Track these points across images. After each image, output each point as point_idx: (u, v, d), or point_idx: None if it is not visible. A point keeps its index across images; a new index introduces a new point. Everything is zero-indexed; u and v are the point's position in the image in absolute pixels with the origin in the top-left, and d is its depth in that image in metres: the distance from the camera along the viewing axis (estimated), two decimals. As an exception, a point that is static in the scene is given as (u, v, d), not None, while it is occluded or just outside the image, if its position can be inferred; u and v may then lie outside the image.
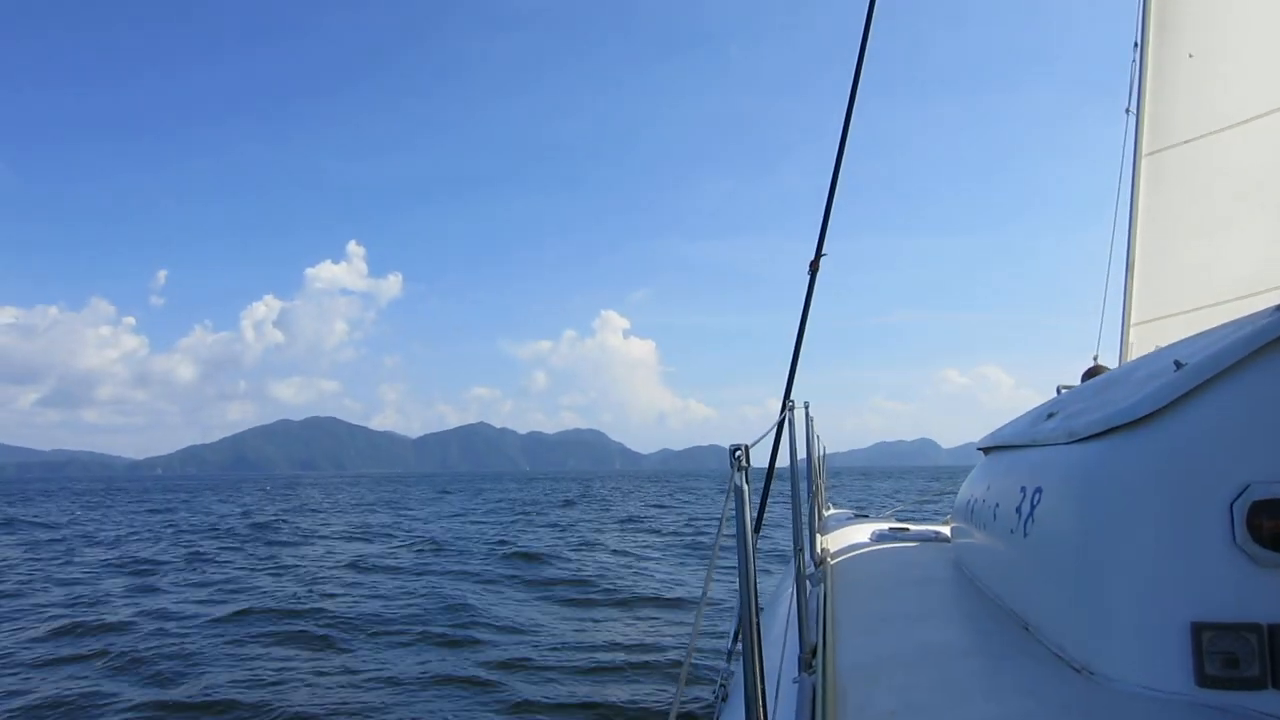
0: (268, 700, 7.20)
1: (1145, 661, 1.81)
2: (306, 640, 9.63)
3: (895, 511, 8.65)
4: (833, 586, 3.75)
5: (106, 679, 8.03)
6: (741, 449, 1.52)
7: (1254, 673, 1.68)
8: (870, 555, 4.53)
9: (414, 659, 8.70)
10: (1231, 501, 1.74)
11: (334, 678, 7.96)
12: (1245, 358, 1.79)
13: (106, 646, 9.30)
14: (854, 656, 2.58)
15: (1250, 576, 1.71)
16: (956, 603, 3.08)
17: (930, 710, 1.94)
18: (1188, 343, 2.27)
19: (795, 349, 5.54)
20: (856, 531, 5.50)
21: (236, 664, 8.52)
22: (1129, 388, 2.16)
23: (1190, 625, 1.74)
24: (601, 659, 8.62)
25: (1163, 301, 5.44)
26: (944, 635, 2.62)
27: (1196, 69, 5.25)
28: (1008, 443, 3.18)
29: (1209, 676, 1.71)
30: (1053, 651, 2.16)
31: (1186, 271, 5.32)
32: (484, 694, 7.39)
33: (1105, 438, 2.07)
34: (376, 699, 7.25)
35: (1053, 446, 2.46)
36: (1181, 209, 5.38)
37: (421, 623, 10.45)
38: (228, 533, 25.45)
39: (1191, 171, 5.28)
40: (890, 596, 3.42)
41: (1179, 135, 5.34)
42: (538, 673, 8.08)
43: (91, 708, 7.08)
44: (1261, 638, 1.69)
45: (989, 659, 2.30)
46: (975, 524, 3.34)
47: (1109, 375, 2.95)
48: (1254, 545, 1.71)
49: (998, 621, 2.64)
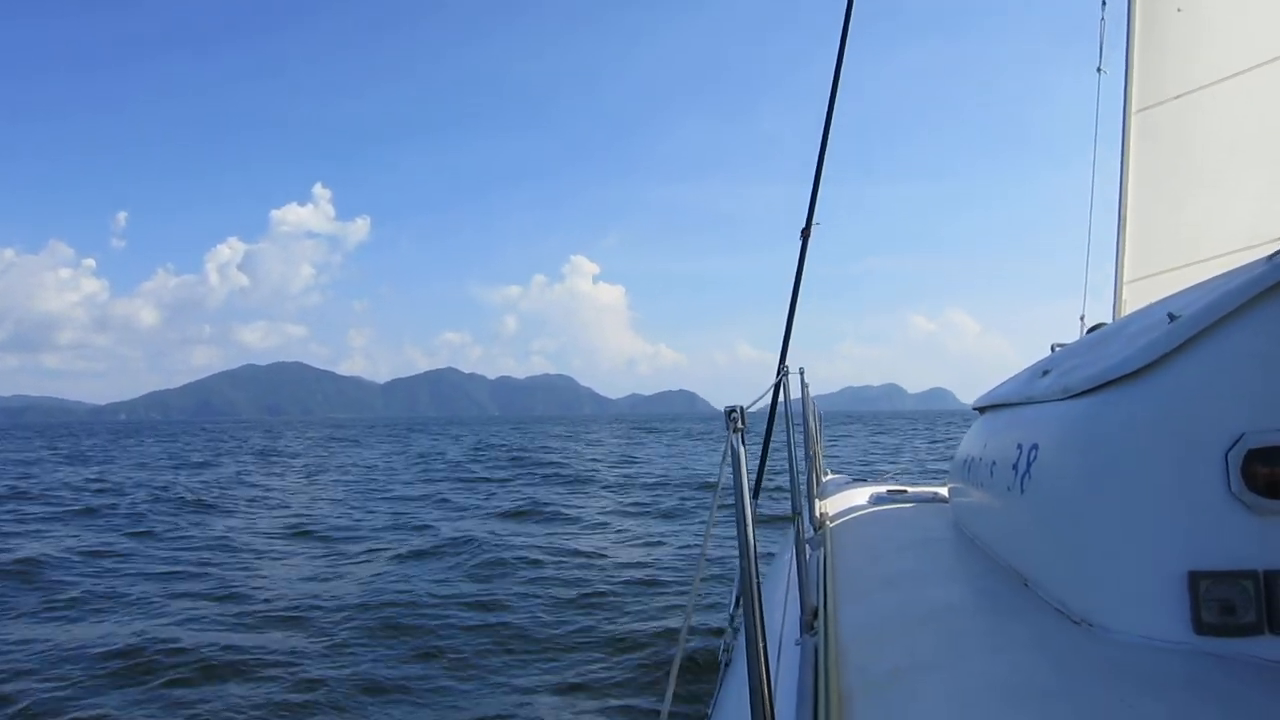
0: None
1: (1143, 612, 1.83)
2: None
3: (893, 474, 8.71)
4: (832, 549, 3.78)
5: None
6: (738, 410, 1.51)
7: (1250, 619, 1.71)
8: (869, 517, 4.57)
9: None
10: (1227, 451, 1.75)
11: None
12: (1238, 308, 1.79)
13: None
14: (855, 617, 2.60)
15: (1245, 524, 1.73)
16: (956, 562, 3.11)
17: (933, 667, 1.97)
18: (1181, 295, 2.27)
19: (789, 315, 5.54)
20: (854, 495, 5.54)
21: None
22: (1123, 342, 2.17)
23: (1187, 574, 1.76)
24: (592, 623, 8.77)
25: (1156, 258, 5.45)
26: (944, 594, 2.65)
27: (1185, 22, 5.22)
28: (1003, 401, 3.19)
29: (1206, 624, 1.73)
30: (1052, 606, 2.18)
31: (1180, 228, 5.32)
32: (475, 657, 7.47)
33: (1100, 392, 2.09)
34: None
35: (1048, 403, 2.47)
36: (1174, 166, 5.37)
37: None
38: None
39: (1183, 128, 5.26)
40: (890, 558, 3.45)
41: (1170, 91, 5.31)
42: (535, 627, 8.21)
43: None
44: (1258, 584, 1.71)
45: (990, 616, 2.32)
46: (972, 483, 3.37)
47: (1103, 330, 2.96)
48: (1249, 493, 1.73)
49: (997, 579, 2.67)
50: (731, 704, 2.96)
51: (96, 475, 29.93)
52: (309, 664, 7.33)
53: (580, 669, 7.32)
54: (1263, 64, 4.75)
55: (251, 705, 6.42)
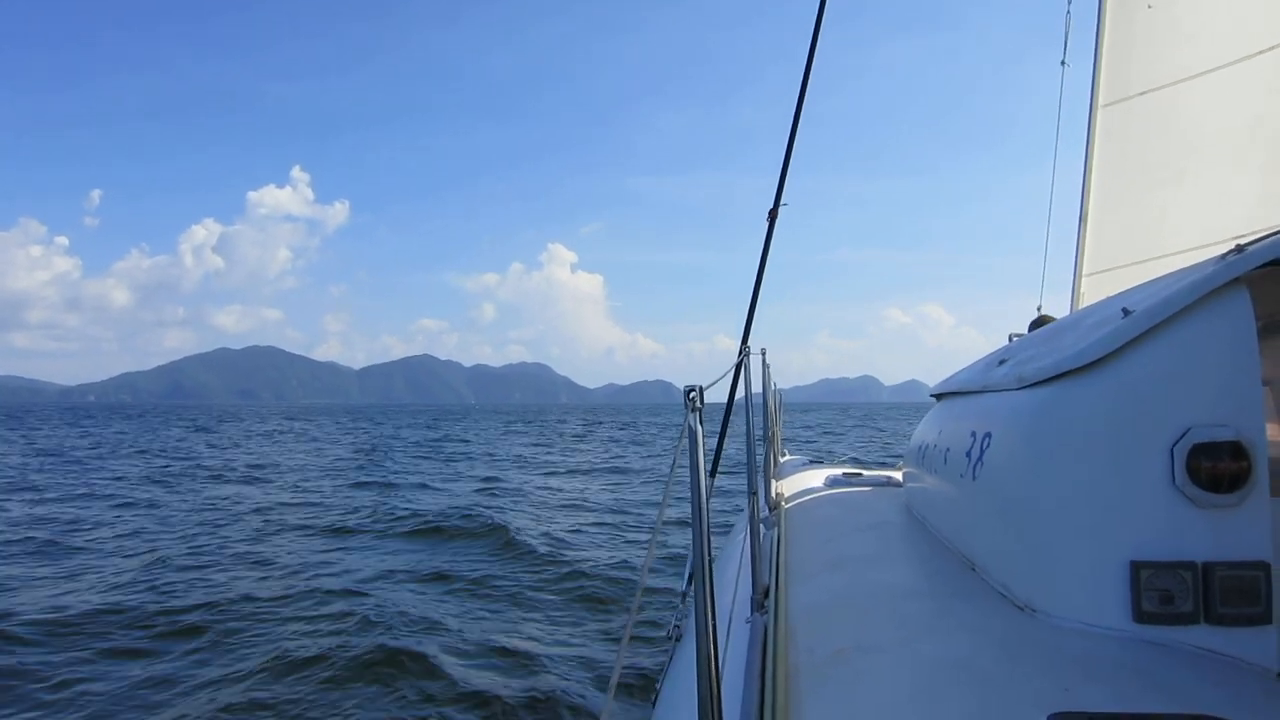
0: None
1: (1085, 599, 1.88)
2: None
3: (849, 457, 8.80)
4: (786, 530, 3.81)
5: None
6: (696, 390, 1.52)
7: (1188, 608, 1.76)
8: (823, 500, 4.61)
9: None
10: (1173, 445, 1.80)
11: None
12: (1191, 304, 1.83)
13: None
14: (806, 597, 2.62)
15: (1187, 516, 1.78)
16: (907, 545, 3.15)
17: (880, 648, 1.99)
18: (1136, 290, 2.31)
19: (753, 295, 5.52)
20: (810, 477, 5.59)
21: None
22: (1078, 334, 2.20)
23: (1130, 564, 1.81)
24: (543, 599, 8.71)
25: (1115, 253, 5.54)
26: (894, 576, 2.68)
27: (1155, 19, 5.26)
28: (960, 389, 3.23)
29: (1145, 613, 1.78)
30: (998, 591, 2.22)
31: (1140, 223, 5.40)
32: (433, 635, 7.43)
33: (1054, 383, 2.12)
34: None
35: (1003, 392, 2.50)
36: (1136, 161, 5.45)
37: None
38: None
39: (1147, 123, 5.33)
40: (842, 540, 3.48)
41: (1135, 87, 5.37)
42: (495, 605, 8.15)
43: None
44: (1196, 575, 1.76)
45: (937, 599, 2.36)
46: (926, 468, 3.41)
47: (1060, 322, 3.00)
48: (1192, 487, 1.77)
49: (946, 562, 2.71)
50: (680, 679, 2.98)
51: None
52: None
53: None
54: (1228, 65, 4.81)
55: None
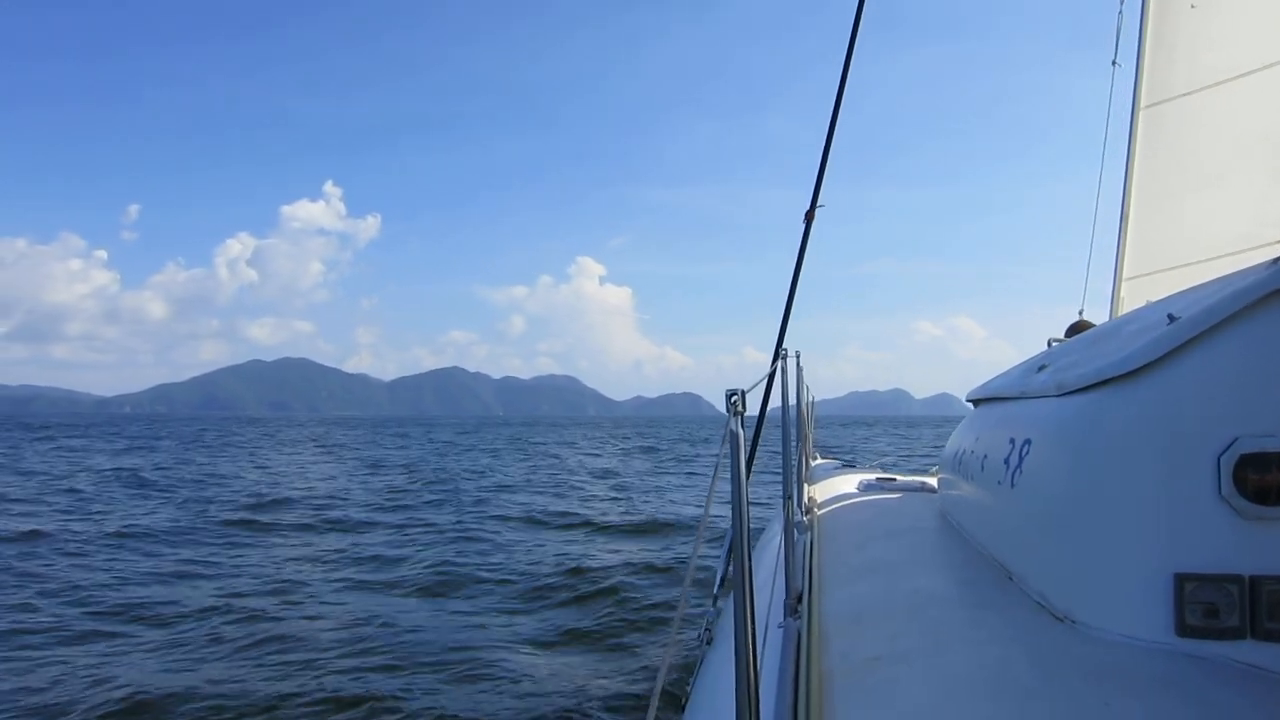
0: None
1: (1127, 611, 1.84)
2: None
3: (881, 462, 8.72)
4: (819, 534, 3.79)
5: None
6: (738, 394, 1.51)
7: (1233, 623, 1.72)
8: (857, 505, 4.59)
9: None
10: (1219, 455, 1.76)
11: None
12: (1238, 311, 1.79)
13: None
14: (839, 603, 2.62)
15: (1234, 528, 1.74)
16: (941, 552, 3.13)
17: (912, 656, 1.98)
18: (1181, 296, 2.27)
19: (789, 298, 5.47)
20: (843, 481, 5.55)
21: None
22: (1121, 341, 2.17)
23: (1173, 576, 1.77)
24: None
25: (1155, 256, 5.44)
26: (929, 583, 2.66)
27: (1198, 20, 5.17)
28: (997, 394, 3.19)
29: (1189, 626, 1.75)
30: (1036, 600, 2.19)
31: (1180, 227, 5.30)
32: (477, 634, 7.49)
33: (1096, 390, 2.08)
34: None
35: (1043, 399, 2.47)
36: (1178, 163, 5.35)
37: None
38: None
39: (1189, 125, 5.23)
40: (876, 545, 3.46)
41: (1178, 88, 5.28)
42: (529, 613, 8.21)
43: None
44: (1242, 589, 1.72)
45: (972, 608, 2.34)
46: (963, 475, 3.37)
47: (1101, 328, 2.96)
48: (1239, 498, 1.73)
49: (982, 570, 2.68)
50: (713, 682, 2.98)
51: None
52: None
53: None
54: (1271, 65, 4.71)
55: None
